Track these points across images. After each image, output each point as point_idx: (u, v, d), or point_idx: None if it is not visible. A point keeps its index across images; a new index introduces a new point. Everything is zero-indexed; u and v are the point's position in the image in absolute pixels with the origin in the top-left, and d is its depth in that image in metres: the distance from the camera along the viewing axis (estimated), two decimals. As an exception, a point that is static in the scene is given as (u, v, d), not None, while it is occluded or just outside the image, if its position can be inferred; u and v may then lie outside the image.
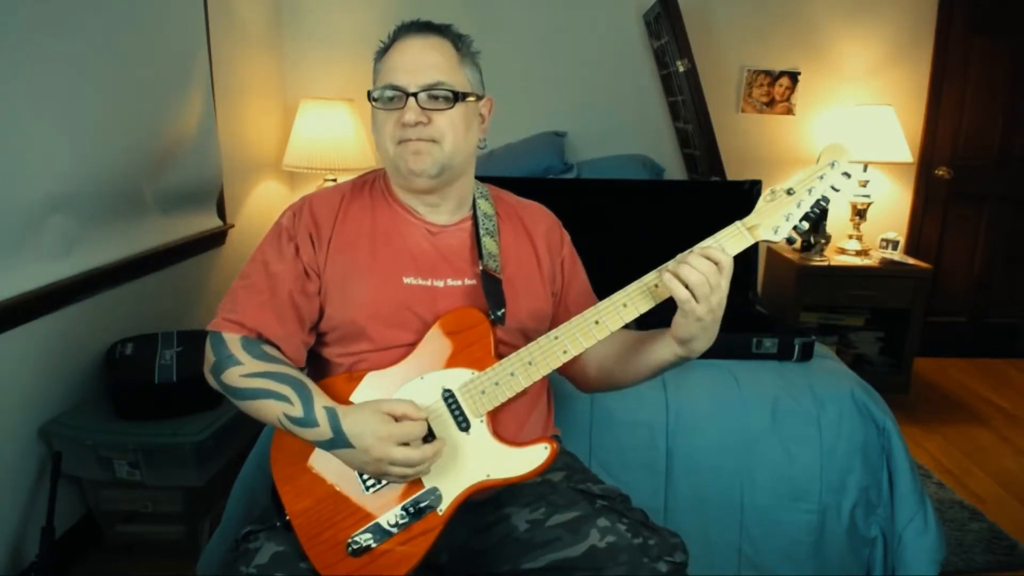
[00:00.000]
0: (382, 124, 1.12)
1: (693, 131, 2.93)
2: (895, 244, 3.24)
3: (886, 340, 3.26)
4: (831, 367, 1.81)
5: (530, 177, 2.80)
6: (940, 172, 3.50)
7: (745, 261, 2.07)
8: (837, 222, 3.28)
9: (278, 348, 1.11)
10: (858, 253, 3.19)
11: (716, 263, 0.98)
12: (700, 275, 0.97)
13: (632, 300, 1.05)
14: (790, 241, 1.04)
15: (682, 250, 1.03)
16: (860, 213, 3.22)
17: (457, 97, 1.10)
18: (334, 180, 3.03)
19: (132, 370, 1.90)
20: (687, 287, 0.97)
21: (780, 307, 3.14)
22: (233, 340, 1.09)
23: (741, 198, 2.25)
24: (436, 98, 1.09)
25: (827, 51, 3.36)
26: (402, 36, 1.13)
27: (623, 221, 2.25)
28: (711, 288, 0.97)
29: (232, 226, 2.82)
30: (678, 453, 1.62)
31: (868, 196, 3.20)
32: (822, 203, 1.02)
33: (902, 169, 3.45)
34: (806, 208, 1.03)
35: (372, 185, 1.22)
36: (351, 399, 1.10)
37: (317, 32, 3.25)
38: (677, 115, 3.22)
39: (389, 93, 1.10)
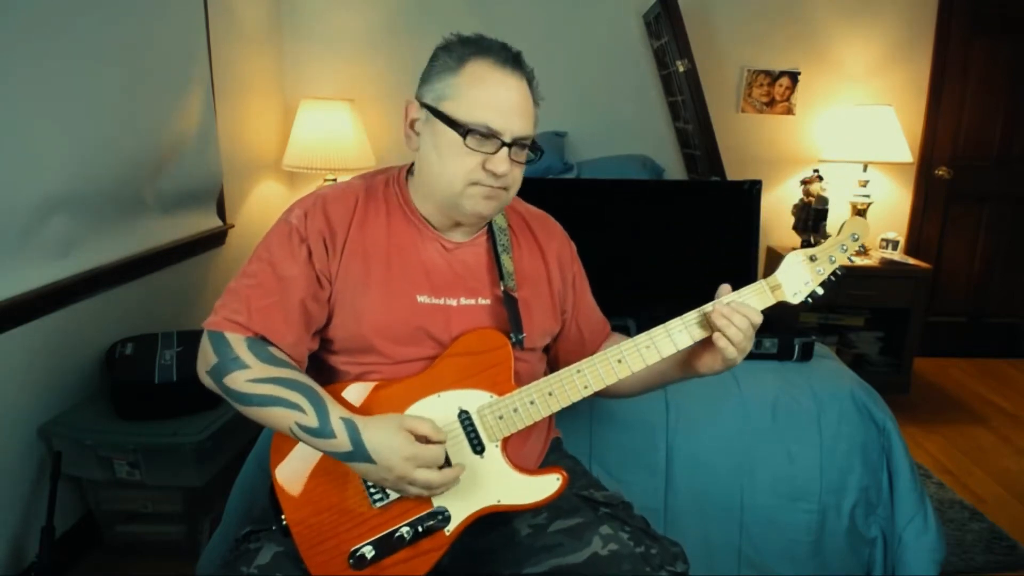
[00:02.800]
0: (457, 157, 1.04)
1: (693, 131, 2.93)
2: (895, 244, 3.24)
3: (886, 340, 3.25)
4: (831, 367, 1.81)
5: (530, 177, 2.77)
6: (940, 172, 3.50)
7: (745, 260, 2.08)
8: (837, 222, 3.28)
9: (285, 353, 1.06)
10: (858, 253, 3.18)
11: (751, 322, 1.06)
12: (742, 333, 1.05)
13: (655, 343, 1.08)
14: (805, 303, 1.12)
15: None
16: (860, 213, 3.22)
17: (537, 152, 1.10)
18: (334, 180, 3.03)
19: (132, 370, 1.90)
20: (730, 342, 1.05)
21: (780, 307, 3.14)
22: (238, 341, 1.03)
23: (741, 198, 2.25)
24: (522, 149, 1.08)
25: (827, 51, 3.35)
26: (498, 63, 1.05)
27: (623, 221, 2.24)
28: (747, 340, 1.06)
29: (232, 226, 2.82)
30: (678, 453, 1.62)
31: (868, 196, 3.20)
32: (838, 272, 1.11)
33: (902, 169, 3.45)
34: (824, 275, 1.11)
35: (386, 188, 1.16)
36: (354, 401, 1.08)
37: (317, 32, 3.24)
38: (677, 115, 3.22)
39: (484, 131, 1.03)
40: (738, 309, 1.05)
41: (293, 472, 1.08)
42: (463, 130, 1.02)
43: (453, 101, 1.04)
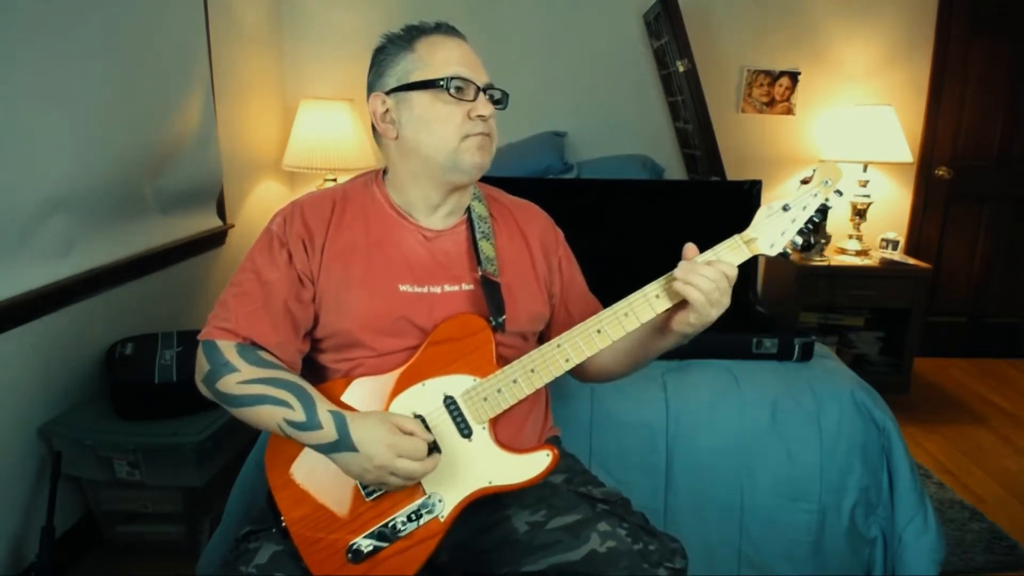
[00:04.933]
0: (444, 117, 1.09)
1: (693, 131, 2.93)
2: (895, 244, 3.24)
3: (886, 340, 3.25)
4: (831, 367, 1.81)
5: (530, 177, 2.80)
6: (940, 172, 3.50)
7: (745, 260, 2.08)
8: (837, 222, 3.28)
9: (274, 355, 1.09)
10: (858, 253, 3.19)
11: (725, 274, 1.02)
12: (712, 283, 1.00)
13: (634, 309, 1.07)
14: (784, 255, 1.07)
15: (682, 250, 1.05)
16: (860, 213, 3.22)
17: (504, 98, 1.15)
18: (334, 180, 3.03)
19: (132, 370, 1.90)
20: (700, 292, 1.01)
21: (780, 307, 3.14)
22: (228, 347, 1.07)
23: (741, 198, 2.25)
24: (498, 101, 1.14)
25: (827, 51, 3.36)
26: (443, 33, 1.14)
27: (623, 221, 2.25)
28: (721, 293, 1.02)
29: (232, 226, 2.82)
30: (678, 453, 1.62)
31: (868, 196, 3.20)
32: (815, 219, 1.06)
33: (902, 169, 3.45)
34: (800, 224, 1.06)
35: (364, 189, 1.20)
36: (343, 399, 1.10)
37: (317, 32, 3.25)
38: (677, 115, 3.22)
39: (458, 83, 1.09)
40: (715, 265, 1.01)
41: (289, 474, 1.09)
42: (445, 83, 1.09)
43: (420, 71, 1.11)
